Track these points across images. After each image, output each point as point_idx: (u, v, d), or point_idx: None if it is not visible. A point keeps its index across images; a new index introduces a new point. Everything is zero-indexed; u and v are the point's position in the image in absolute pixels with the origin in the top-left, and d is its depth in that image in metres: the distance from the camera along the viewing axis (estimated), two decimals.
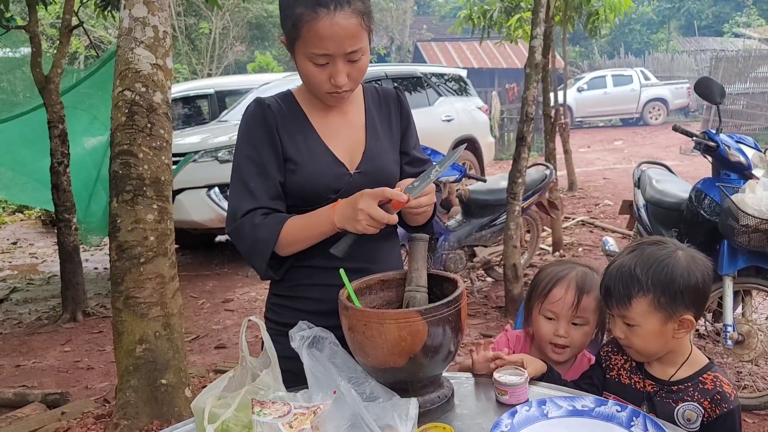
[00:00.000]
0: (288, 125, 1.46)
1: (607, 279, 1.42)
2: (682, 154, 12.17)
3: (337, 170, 1.45)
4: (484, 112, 9.21)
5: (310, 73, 1.38)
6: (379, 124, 1.55)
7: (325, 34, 1.31)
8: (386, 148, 1.53)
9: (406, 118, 1.60)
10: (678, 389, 1.40)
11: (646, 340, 1.38)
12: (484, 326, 4.32)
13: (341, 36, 1.31)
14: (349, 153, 1.49)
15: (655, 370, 1.45)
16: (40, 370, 4.06)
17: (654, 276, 1.35)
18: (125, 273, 2.78)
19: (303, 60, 1.37)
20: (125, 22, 2.80)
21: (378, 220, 1.30)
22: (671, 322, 1.36)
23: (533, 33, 4.32)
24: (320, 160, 1.45)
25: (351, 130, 1.51)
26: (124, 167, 2.79)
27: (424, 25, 24.94)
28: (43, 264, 7.14)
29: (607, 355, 1.53)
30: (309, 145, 1.45)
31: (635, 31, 28.49)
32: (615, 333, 1.43)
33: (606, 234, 6.46)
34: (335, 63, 1.35)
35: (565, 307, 1.60)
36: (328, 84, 1.38)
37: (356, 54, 1.36)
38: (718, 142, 3.09)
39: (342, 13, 1.30)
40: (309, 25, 1.31)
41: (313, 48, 1.33)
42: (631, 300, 1.36)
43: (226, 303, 5.27)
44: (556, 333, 1.61)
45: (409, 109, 1.62)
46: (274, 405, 1.17)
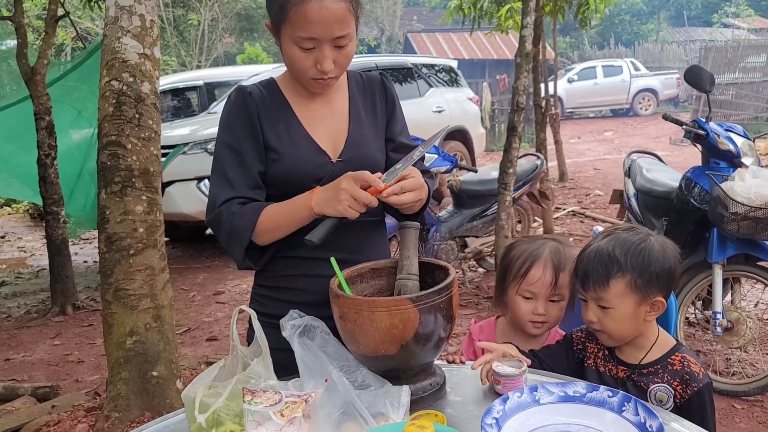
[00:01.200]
0: (270, 113, 1.44)
1: (584, 263, 1.44)
2: (672, 144, 12.23)
3: (319, 159, 1.43)
4: (475, 103, 9.20)
5: (296, 58, 1.35)
6: (363, 112, 1.53)
7: (313, 17, 1.28)
8: (369, 136, 1.51)
9: (392, 104, 1.57)
10: (648, 372, 1.43)
11: (620, 322, 1.41)
12: (475, 316, 4.30)
13: (329, 20, 1.29)
14: (332, 141, 1.47)
15: (626, 355, 1.48)
16: (30, 364, 4.03)
17: (632, 257, 1.39)
18: (115, 265, 2.76)
19: (289, 44, 1.34)
20: (111, 11, 2.76)
21: (360, 201, 1.27)
22: (644, 304, 1.40)
23: (523, 23, 4.31)
24: (302, 149, 1.43)
25: (334, 118, 1.49)
26: (113, 158, 2.77)
27: (414, 16, 24.86)
28: (31, 257, 7.09)
29: (580, 341, 1.55)
30: (291, 134, 1.44)
31: (625, 22, 28.54)
32: (587, 317, 1.44)
33: (596, 224, 6.49)
34: (322, 48, 1.33)
35: (544, 287, 1.61)
36: (314, 70, 1.36)
37: (343, 39, 1.34)
38: (707, 130, 3.10)
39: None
40: (297, 8, 1.28)
41: (300, 31, 1.31)
42: (609, 281, 1.39)
43: (217, 295, 5.26)
44: (535, 311, 1.62)
45: (395, 94, 1.59)
46: (265, 394, 1.16)
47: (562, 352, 1.56)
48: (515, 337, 1.68)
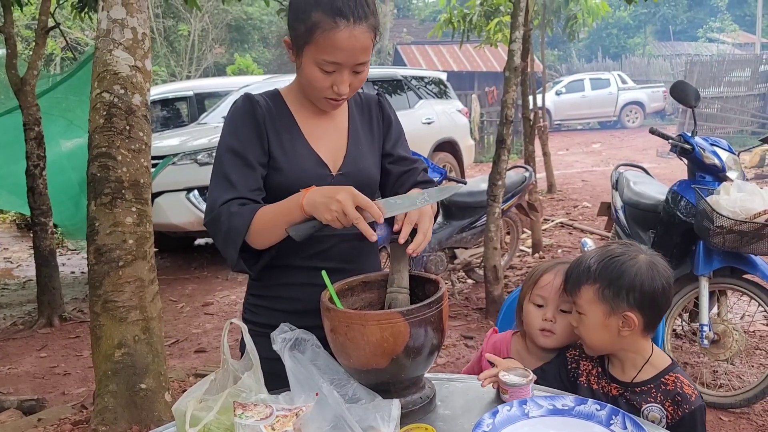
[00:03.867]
0: (275, 123, 1.47)
1: (569, 269, 1.52)
2: (659, 156, 12.35)
3: (320, 171, 1.47)
4: (464, 115, 9.27)
5: (315, 78, 1.39)
6: (361, 129, 1.57)
7: (342, 45, 1.33)
8: (366, 153, 1.55)
9: (387, 122, 1.61)
10: (641, 390, 1.43)
11: (591, 330, 1.45)
12: (465, 327, 4.34)
13: (356, 48, 1.34)
14: (333, 155, 1.50)
15: (617, 372, 1.49)
16: (16, 376, 3.99)
17: (603, 268, 1.44)
18: (104, 276, 2.74)
19: (310, 65, 1.38)
20: (103, 24, 2.77)
21: (348, 217, 1.27)
22: (614, 317, 1.42)
23: (512, 36, 4.36)
24: (304, 160, 1.46)
25: (335, 134, 1.53)
26: (103, 170, 2.76)
27: (404, 29, 25.03)
28: (18, 268, 7.02)
29: (573, 359, 1.57)
30: (294, 145, 1.47)
31: (612, 36, 28.88)
32: (570, 320, 1.52)
33: (584, 235, 6.53)
34: (342, 72, 1.37)
35: (553, 291, 1.62)
36: (330, 91, 1.40)
37: (363, 66, 1.39)
38: (693, 144, 3.14)
39: (360, 27, 1.33)
40: (326, 34, 1.32)
41: (326, 56, 1.34)
42: (580, 287, 1.46)
43: (206, 306, 5.23)
44: (545, 317, 1.63)
45: (391, 112, 1.63)
46: (256, 407, 1.17)
47: (555, 371, 1.57)
48: (528, 356, 1.69)
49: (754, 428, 2.95)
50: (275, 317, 1.37)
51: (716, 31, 28.08)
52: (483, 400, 1.35)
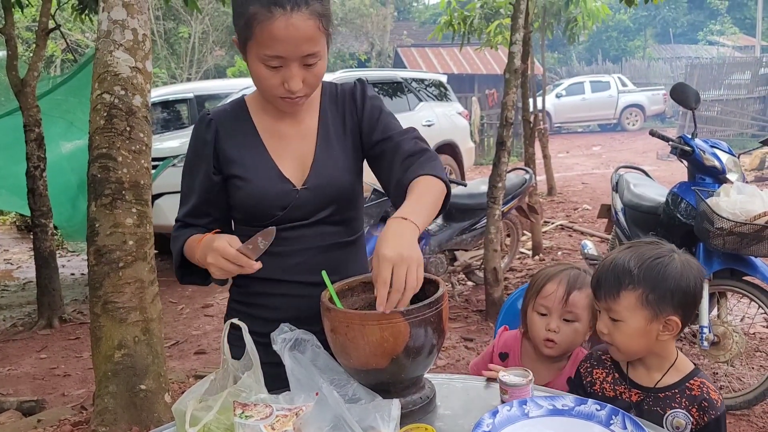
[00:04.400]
0: (234, 139, 1.42)
1: (599, 271, 1.41)
2: (659, 159, 12.36)
3: (282, 187, 1.40)
4: (464, 117, 9.27)
5: (263, 76, 1.30)
6: (333, 130, 1.46)
7: (280, 35, 1.23)
8: (338, 158, 1.44)
9: (360, 109, 1.47)
10: (665, 396, 1.38)
11: (629, 337, 1.36)
12: (464, 329, 4.34)
13: (297, 38, 1.24)
14: (299, 165, 1.43)
15: (640, 377, 1.43)
16: (15, 377, 3.99)
17: (646, 271, 1.34)
18: (104, 278, 2.74)
19: (255, 62, 1.29)
20: (104, 25, 2.77)
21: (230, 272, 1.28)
22: (656, 322, 1.35)
23: (512, 39, 4.37)
24: (265, 176, 1.40)
25: (302, 140, 1.44)
26: (103, 171, 2.76)
27: (404, 31, 25.04)
28: (18, 270, 7.02)
29: (586, 371, 1.52)
30: (255, 160, 1.41)
31: (612, 38, 28.91)
32: (598, 327, 1.42)
33: (585, 238, 6.53)
34: (289, 67, 1.28)
35: (556, 302, 1.64)
36: (281, 89, 1.31)
37: (312, 58, 1.29)
38: (693, 147, 3.15)
39: (299, 14, 1.23)
40: (262, 25, 1.24)
41: (266, 49, 1.26)
42: (619, 292, 1.35)
43: (206, 308, 5.23)
44: (548, 327, 1.65)
45: (368, 97, 1.48)
46: (256, 407, 1.17)
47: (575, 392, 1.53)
48: (537, 357, 1.71)
49: (755, 430, 2.95)
50: (256, 324, 1.34)
51: (716, 34, 28.11)
52: (483, 400, 1.35)
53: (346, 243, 1.49)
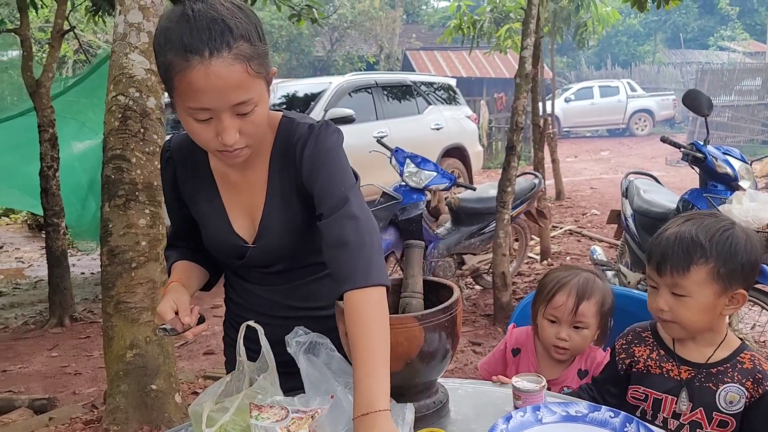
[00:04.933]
0: (190, 179, 1.37)
1: (663, 245, 1.35)
2: (668, 165, 12.32)
3: (235, 242, 1.35)
4: (472, 121, 9.28)
5: (193, 131, 1.16)
6: (281, 183, 1.31)
7: (200, 86, 1.08)
8: (287, 214, 1.31)
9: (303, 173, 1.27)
10: (717, 371, 1.36)
11: (695, 312, 1.33)
12: (472, 334, 4.34)
13: (220, 87, 1.09)
14: (249, 220, 1.35)
15: (691, 354, 1.39)
16: (27, 375, 4.02)
17: (718, 245, 1.31)
18: (116, 278, 2.77)
19: (183, 116, 1.15)
20: (120, 28, 2.81)
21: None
22: (724, 296, 1.32)
23: (524, 44, 4.37)
24: (218, 230, 1.35)
25: (250, 192, 1.33)
26: (117, 172, 2.79)
27: (413, 34, 25.05)
28: (29, 268, 7.08)
29: (624, 348, 1.50)
30: (209, 209, 1.36)
31: (622, 43, 28.83)
32: (658, 305, 1.37)
33: (593, 243, 6.52)
34: (220, 119, 1.12)
35: (566, 313, 1.68)
36: (216, 141, 1.15)
37: (245, 106, 1.13)
38: (705, 153, 3.15)
39: (219, 61, 1.07)
40: (181, 76, 1.09)
41: (190, 102, 1.11)
42: (690, 267, 1.31)
43: (215, 309, 5.24)
44: (558, 336, 1.68)
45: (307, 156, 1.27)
46: (272, 409, 1.18)
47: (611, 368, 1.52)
48: (548, 357, 1.74)
49: None
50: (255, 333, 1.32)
51: (727, 40, 27.98)
52: (496, 405, 1.36)
53: (315, 279, 1.42)
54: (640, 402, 1.47)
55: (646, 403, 1.45)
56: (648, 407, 1.45)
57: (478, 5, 9.41)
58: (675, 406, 1.40)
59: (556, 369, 1.73)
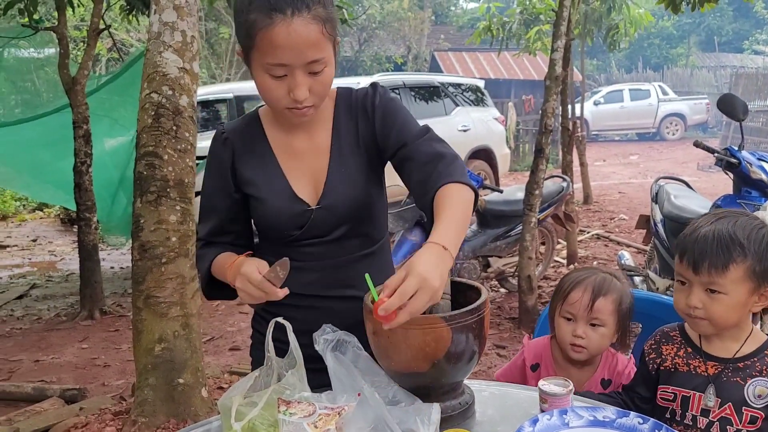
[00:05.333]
0: (248, 157, 1.40)
1: (700, 243, 1.35)
2: (700, 170, 12.10)
3: (296, 207, 1.37)
4: (500, 123, 9.23)
5: (268, 87, 1.25)
6: (347, 144, 1.40)
7: (282, 42, 1.19)
8: (352, 174, 1.39)
9: (377, 118, 1.38)
10: (745, 365, 1.37)
11: (729, 309, 1.34)
12: (497, 337, 4.33)
13: (299, 44, 1.19)
14: (313, 183, 1.39)
15: (717, 349, 1.41)
16: (59, 366, 4.11)
17: (755, 243, 1.32)
18: (147, 272, 2.82)
19: (259, 72, 1.25)
20: (155, 27, 2.85)
21: (256, 298, 1.25)
22: (756, 294, 1.34)
23: (554, 46, 4.34)
24: (279, 197, 1.38)
25: (315, 156, 1.40)
26: (149, 168, 2.84)
27: (441, 35, 24.99)
28: (61, 261, 7.23)
29: (654, 348, 1.51)
30: (269, 180, 1.39)
31: (654, 46, 28.40)
32: (690, 302, 1.36)
33: (621, 248, 6.44)
34: (294, 75, 1.23)
35: (581, 308, 1.66)
36: (287, 99, 1.26)
37: (317, 65, 1.24)
38: (740, 159, 3.09)
39: (300, 20, 1.18)
40: (263, 33, 1.19)
41: (269, 58, 1.21)
42: (729, 265, 1.32)
43: (241, 306, 5.31)
44: (575, 333, 1.67)
45: (378, 105, 1.39)
46: (300, 405, 1.20)
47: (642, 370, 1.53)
48: (568, 362, 1.73)
49: None
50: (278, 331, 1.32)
51: (762, 44, 27.38)
52: (521, 408, 1.36)
53: (365, 255, 1.47)
54: (669, 403, 1.46)
55: (675, 402, 1.45)
56: (677, 405, 1.44)
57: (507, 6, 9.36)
58: (702, 402, 1.40)
59: (576, 378, 1.68)
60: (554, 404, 1.27)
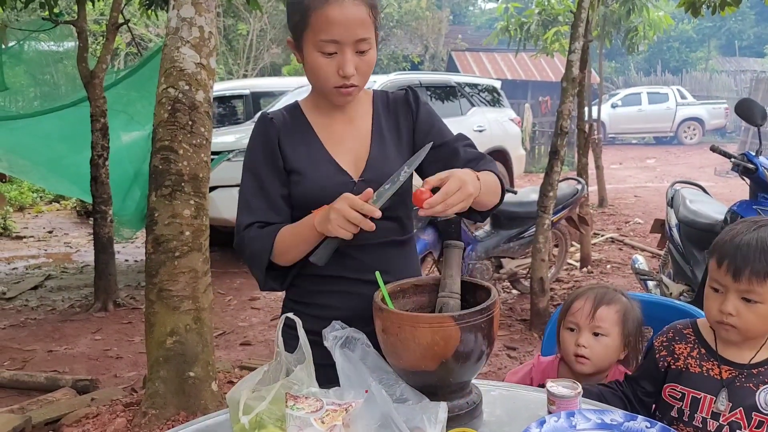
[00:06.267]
0: (292, 137, 1.48)
1: (743, 250, 1.35)
2: (717, 175, 11.96)
3: (340, 179, 1.45)
4: (516, 124, 9.19)
5: (318, 65, 1.37)
6: (387, 130, 1.52)
7: (335, 19, 1.32)
8: (392, 156, 1.49)
9: (415, 114, 1.53)
10: (759, 372, 1.38)
11: (762, 319, 1.35)
12: (508, 338, 4.31)
13: (351, 22, 1.33)
14: (354, 161, 1.48)
15: (733, 354, 1.41)
16: (71, 357, 4.16)
17: None
18: (160, 266, 2.84)
19: (311, 51, 1.37)
20: (173, 22, 2.88)
21: (351, 221, 1.28)
22: None
23: (571, 47, 4.32)
24: (323, 169, 1.46)
25: (356, 139, 1.50)
26: (164, 162, 2.86)
27: (459, 35, 24.93)
28: (76, 253, 7.31)
29: (664, 345, 1.50)
30: (312, 155, 1.47)
31: (673, 49, 28.11)
32: (726, 309, 1.36)
33: (636, 252, 6.39)
34: (344, 52, 1.35)
35: (583, 317, 1.67)
36: (336, 77, 1.37)
37: (365, 44, 1.36)
38: (757, 164, 3.06)
39: (350, 1, 1.33)
40: (318, 12, 1.33)
41: (322, 35, 1.34)
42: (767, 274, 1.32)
43: (253, 301, 5.34)
44: (578, 343, 1.66)
45: (420, 105, 1.55)
46: (307, 400, 1.20)
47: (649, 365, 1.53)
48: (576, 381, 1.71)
49: None
50: (313, 323, 1.37)
51: None
52: (529, 409, 1.35)
53: (400, 242, 1.53)
54: (676, 402, 1.45)
55: (683, 402, 1.44)
56: (686, 406, 1.43)
57: (526, 7, 9.32)
58: (713, 405, 1.39)
59: None
60: (562, 406, 1.26)
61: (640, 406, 1.50)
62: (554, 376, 1.76)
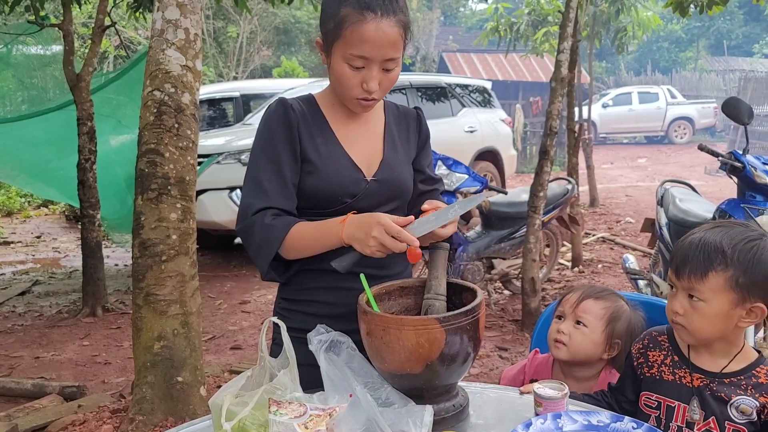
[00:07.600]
0: (308, 127, 1.47)
1: (685, 247, 1.35)
2: (707, 174, 12.03)
3: (354, 175, 1.46)
4: (507, 124, 9.20)
5: (344, 76, 1.39)
6: (398, 138, 1.56)
7: (369, 37, 1.34)
8: (402, 161, 1.55)
9: (424, 137, 1.62)
10: (730, 382, 1.36)
11: (708, 320, 1.32)
12: (500, 339, 4.30)
13: (383, 42, 1.35)
14: (367, 160, 1.50)
15: (705, 362, 1.39)
16: (59, 363, 4.11)
17: (740, 253, 1.29)
18: (147, 270, 2.81)
19: (339, 61, 1.38)
20: (158, 24, 2.85)
21: (389, 248, 1.29)
22: (740, 307, 1.31)
23: (560, 47, 4.32)
24: (338, 164, 1.46)
25: (370, 139, 1.53)
26: (150, 166, 2.83)
27: (450, 36, 24.97)
28: (65, 258, 7.25)
29: (640, 353, 1.49)
30: (328, 148, 1.47)
31: (663, 49, 28.27)
32: (673, 307, 1.36)
33: (627, 251, 6.40)
34: (371, 68, 1.37)
35: (569, 305, 1.71)
36: (359, 89, 1.39)
37: (392, 63, 1.39)
38: (744, 163, 3.06)
39: (387, 21, 1.34)
40: (354, 27, 1.34)
41: (353, 49, 1.35)
42: (708, 272, 1.30)
43: (243, 305, 5.31)
44: (558, 329, 1.70)
45: (428, 129, 1.64)
46: (291, 405, 1.18)
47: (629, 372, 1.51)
48: (568, 379, 1.71)
49: None
50: (308, 321, 1.36)
51: None
52: (516, 411, 1.34)
53: None
54: (652, 410, 1.44)
55: (659, 410, 1.43)
56: (662, 414, 1.42)
57: (516, 8, 9.33)
58: (687, 414, 1.38)
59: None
60: (549, 408, 1.25)
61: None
62: (548, 372, 1.77)
